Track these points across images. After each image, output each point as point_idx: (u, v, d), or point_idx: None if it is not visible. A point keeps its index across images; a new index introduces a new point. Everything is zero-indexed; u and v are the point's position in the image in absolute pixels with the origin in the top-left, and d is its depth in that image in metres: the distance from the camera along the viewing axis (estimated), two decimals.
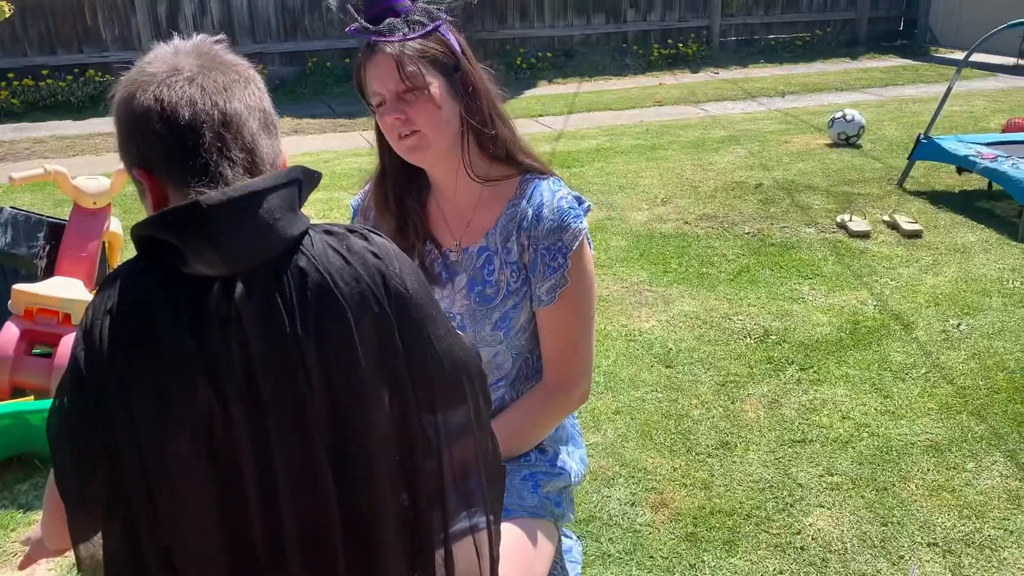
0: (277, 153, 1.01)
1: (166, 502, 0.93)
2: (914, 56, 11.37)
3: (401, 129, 1.44)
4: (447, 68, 1.44)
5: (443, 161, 1.50)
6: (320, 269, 0.93)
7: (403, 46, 1.39)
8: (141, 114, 0.95)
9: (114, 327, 0.93)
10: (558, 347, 1.55)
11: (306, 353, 0.91)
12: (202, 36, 1.03)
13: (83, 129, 7.88)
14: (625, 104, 8.63)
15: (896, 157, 6.13)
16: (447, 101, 1.44)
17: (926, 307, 3.77)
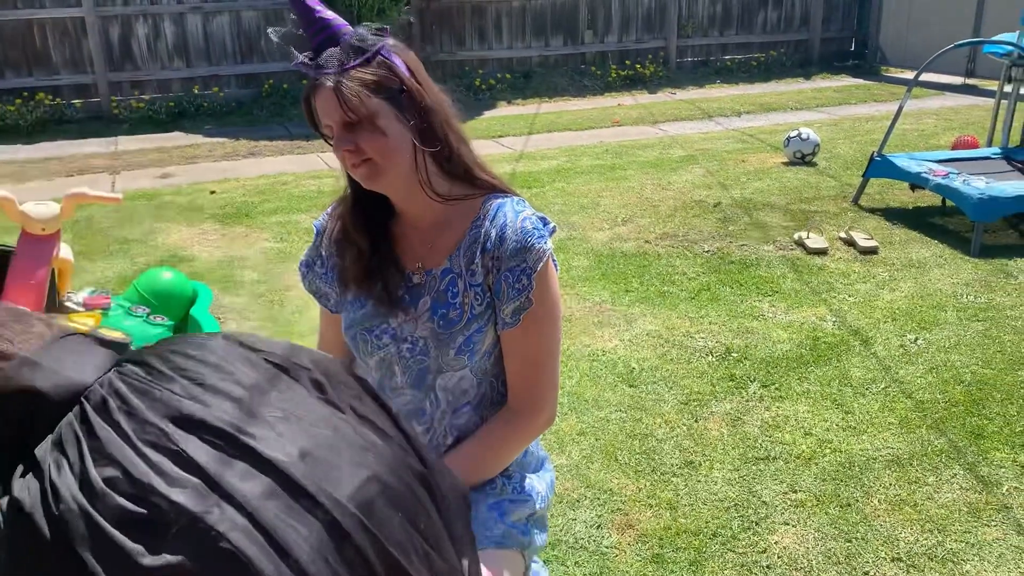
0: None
1: None
2: (866, 76, 11.62)
3: (352, 159, 1.42)
4: (392, 92, 1.42)
5: (401, 185, 1.47)
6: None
7: (342, 76, 1.37)
8: None
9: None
10: (523, 371, 1.52)
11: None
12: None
13: (33, 154, 7.72)
14: (584, 125, 8.69)
15: (851, 175, 6.24)
16: (394, 126, 1.41)
17: (884, 322, 3.82)
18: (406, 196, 1.50)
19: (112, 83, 9.16)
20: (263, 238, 5.20)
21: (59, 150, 7.86)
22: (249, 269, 4.68)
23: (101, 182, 6.57)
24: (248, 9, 9.63)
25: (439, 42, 10.35)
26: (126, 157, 7.59)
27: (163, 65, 9.42)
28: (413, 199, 1.50)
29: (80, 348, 0.73)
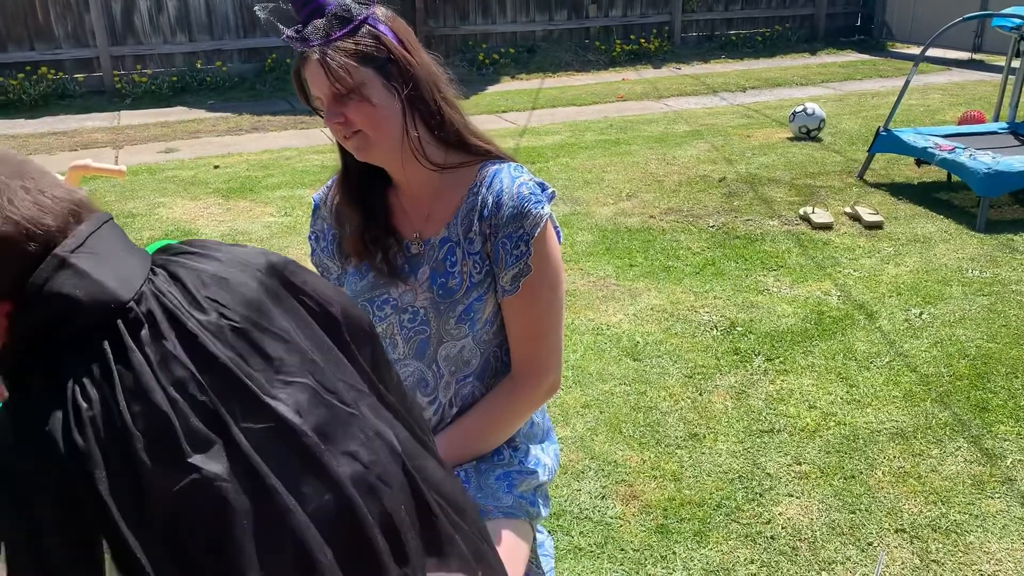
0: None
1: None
2: (871, 51, 11.54)
3: (342, 131, 1.41)
4: (380, 61, 1.40)
5: (393, 155, 1.46)
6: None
7: (328, 48, 1.36)
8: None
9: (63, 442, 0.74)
10: (525, 338, 1.52)
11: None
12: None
13: (36, 128, 7.70)
14: (588, 100, 8.64)
15: (856, 150, 6.20)
16: (383, 95, 1.40)
17: (888, 297, 3.82)
18: (400, 166, 1.49)
19: (114, 57, 9.11)
20: (267, 212, 5.20)
21: (62, 124, 7.84)
22: (253, 242, 4.68)
23: (104, 156, 6.55)
24: None
25: (442, 17, 10.26)
26: (129, 132, 7.57)
27: (165, 39, 9.36)
28: (408, 169, 1.49)
29: (119, 254, 0.75)
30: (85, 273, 0.77)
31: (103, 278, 0.77)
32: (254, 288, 0.86)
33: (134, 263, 0.82)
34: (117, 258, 0.81)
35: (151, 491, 0.68)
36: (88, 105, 8.54)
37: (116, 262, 0.80)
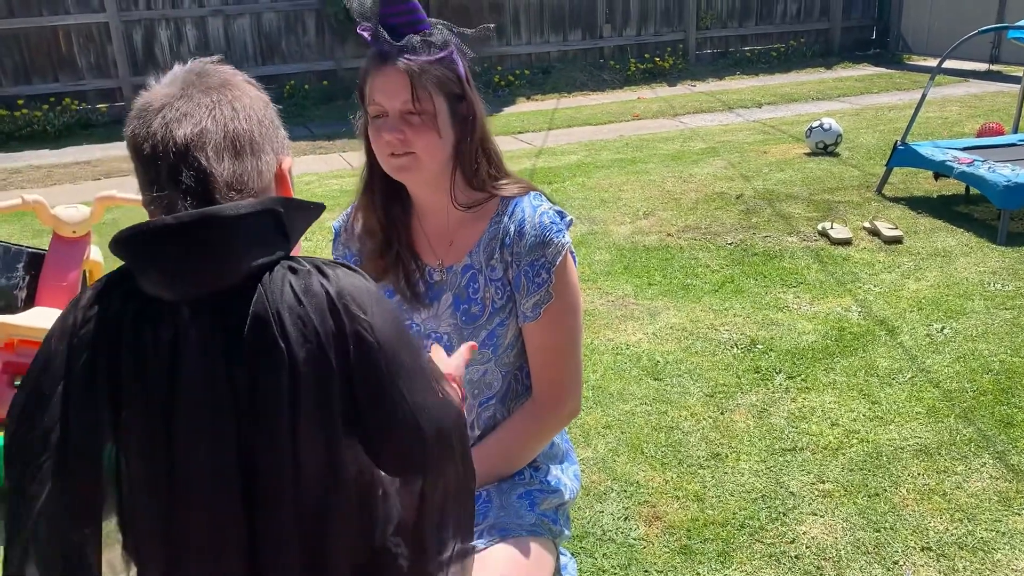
0: (249, 175, 0.96)
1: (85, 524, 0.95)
2: (888, 64, 11.52)
3: (396, 149, 1.42)
4: (452, 95, 1.44)
5: (429, 183, 1.49)
6: (268, 308, 0.89)
7: (419, 67, 1.38)
8: (127, 147, 0.98)
9: (66, 330, 0.95)
10: (545, 364, 1.54)
11: (239, 391, 0.89)
12: (200, 60, 1.02)
13: (60, 159, 7.83)
14: (604, 119, 8.68)
15: (874, 164, 6.19)
16: (446, 128, 1.44)
17: (910, 312, 3.80)
18: (430, 194, 1.52)
19: (136, 87, 9.23)
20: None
21: (85, 154, 7.96)
22: None
23: (127, 185, 6.64)
24: (268, 11, 9.70)
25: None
26: None
27: None
28: (435, 198, 1.52)
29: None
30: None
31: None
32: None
33: None
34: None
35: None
36: (111, 135, 8.68)
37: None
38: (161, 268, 0.91)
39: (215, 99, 0.96)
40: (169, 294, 0.91)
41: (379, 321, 0.93)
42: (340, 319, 0.91)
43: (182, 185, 0.93)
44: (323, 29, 9.97)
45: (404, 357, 0.95)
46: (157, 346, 0.90)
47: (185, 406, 0.90)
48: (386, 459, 0.94)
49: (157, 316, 0.91)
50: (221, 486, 0.90)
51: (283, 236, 0.95)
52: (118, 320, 0.92)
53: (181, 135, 0.92)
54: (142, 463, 0.92)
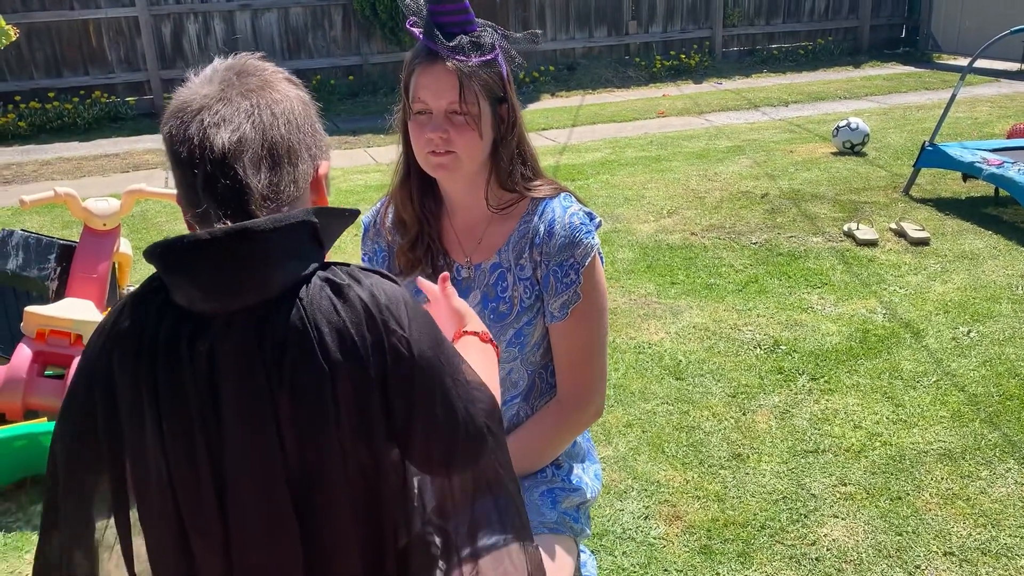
0: (285, 184, 0.96)
1: (142, 517, 0.97)
2: (917, 63, 11.39)
3: (438, 147, 1.43)
4: (495, 98, 1.45)
5: (464, 182, 1.51)
6: (307, 321, 0.90)
7: (468, 68, 1.39)
8: (164, 146, 0.98)
9: (110, 334, 0.96)
10: (571, 364, 1.55)
11: (279, 403, 0.90)
12: (240, 56, 1.01)
13: (90, 151, 7.93)
14: (629, 116, 8.66)
15: (902, 165, 6.13)
16: (487, 130, 1.45)
17: (935, 315, 3.77)
18: (463, 192, 1.53)
19: (164, 80, 9.35)
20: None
21: (114, 147, 8.06)
22: None
23: (155, 177, 6.72)
24: (295, 6, 9.76)
25: None
26: None
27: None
28: (468, 196, 1.53)
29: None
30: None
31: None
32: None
33: None
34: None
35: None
36: (139, 127, 8.77)
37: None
38: (196, 282, 0.92)
39: (254, 103, 0.95)
40: (204, 307, 0.92)
41: (416, 333, 0.94)
42: (378, 331, 0.92)
43: (217, 195, 0.93)
44: (349, 24, 10.01)
45: (438, 365, 0.96)
46: (194, 359, 0.91)
47: (228, 420, 0.91)
48: (418, 458, 0.97)
49: (193, 329, 0.92)
50: (271, 497, 0.92)
51: (318, 245, 0.95)
52: (155, 332, 0.93)
53: (219, 144, 0.92)
54: (189, 471, 0.94)
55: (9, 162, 7.56)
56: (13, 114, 8.58)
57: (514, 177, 1.51)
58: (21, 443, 2.65)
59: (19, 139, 8.41)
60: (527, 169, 1.54)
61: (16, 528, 2.58)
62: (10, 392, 2.83)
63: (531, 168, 1.55)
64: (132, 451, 0.95)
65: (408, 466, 0.98)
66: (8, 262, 3.15)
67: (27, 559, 2.45)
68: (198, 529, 0.95)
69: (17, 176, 7.08)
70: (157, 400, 0.93)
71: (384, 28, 9.83)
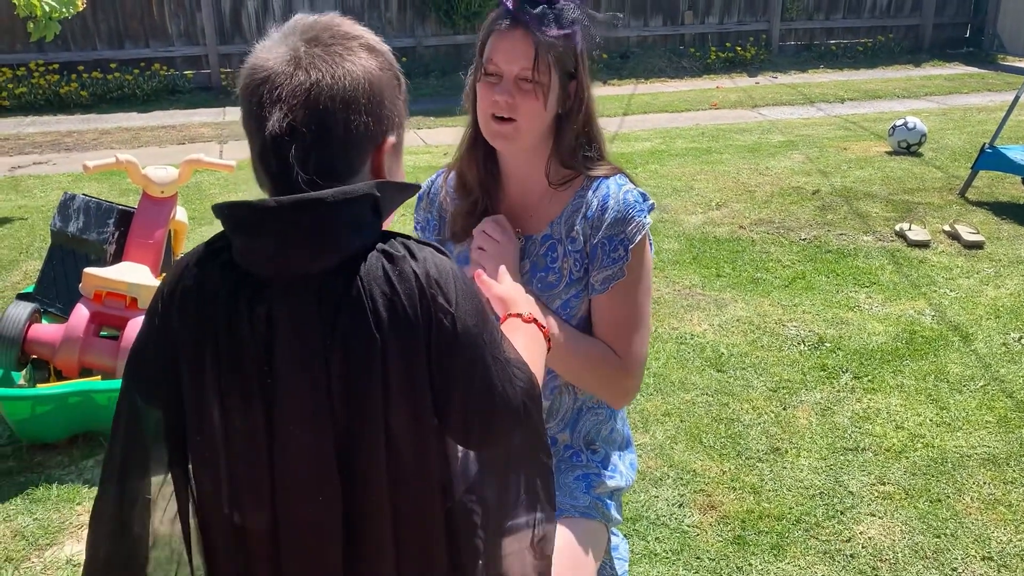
0: (340, 162, 0.97)
1: (196, 471, 1.02)
2: (980, 64, 11.11)
3: (502, 112, 1.44)
4: (566, 73, 1.46)
5: (524, 154, 1.52)
6: (364, 291, 0.93)
7: (546, 39, 1.41)
8: (242, 110, 1.00)
9: (173, 292, 1.00)
10: (608, 338, 1.55)
11: (332, 369, 0.94)
12: (320, 17, 1.01)
13: (147, 122, 8.09)
14: (681, 107, 8.59)
15: (959, 167, 6.01)
16: (553, 104, 1.46)
17: (986, 319, 3.70)
18: (520, 164, 1.55)
19: (222, 55, 9.49)
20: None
21: (171, 119, 8.21)
22: None
23: (210, 150, 6.85)
24: None
25: None
26: (234, 127, 7.87)
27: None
28: (525, 168, 1.55)
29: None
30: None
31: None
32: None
33: None
34: None
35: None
36: (196, 101, 8.92)
37: None
38: (258, 247, 0.95)
39: (315, 79, 0.94)
40: (265, 272, 0.95)
41: (462, 310, 0.97)
42: (427, 304, 0.95)
43: (271, 170, 0.96)
44: (405, 6, 10.05)
45: (481, 342, 0.98)
46: (253, 321, 0.95)
47: (281, 383, 0.95)
48: (455, 430, 1.01)
49: (253, 292, 0.95)
50: (318, 453, 0.96)
51: (377, 216, 0.98)
52: (215, 291, 0.97)
53: (271, 127, 0.93)
54: (244, 424, 0.98)
55: (71, 130, 7.75)
56: (76, 83, 8.78)
57: (576, 156, 1.52)
58: (76, 399, 2.75)
59: (81, 108, 8.60)
60: (592, 150, 1.55)
61: (68, 481, 2.67)
62: (67, 350, 2.92)
63: (596, 150, 1.56)
64: (191, 405, 0.99)
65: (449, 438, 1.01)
66: (69, 224, 3.25)
67: (78, 510, 2.54)
68: (248, 482, 0.99)
69: (78, 144, 7.26)
70: (218, 356, 0.96)
71: (439, 11, 9.85)
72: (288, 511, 0.98)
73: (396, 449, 0.96)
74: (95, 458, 2.77)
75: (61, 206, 3.29)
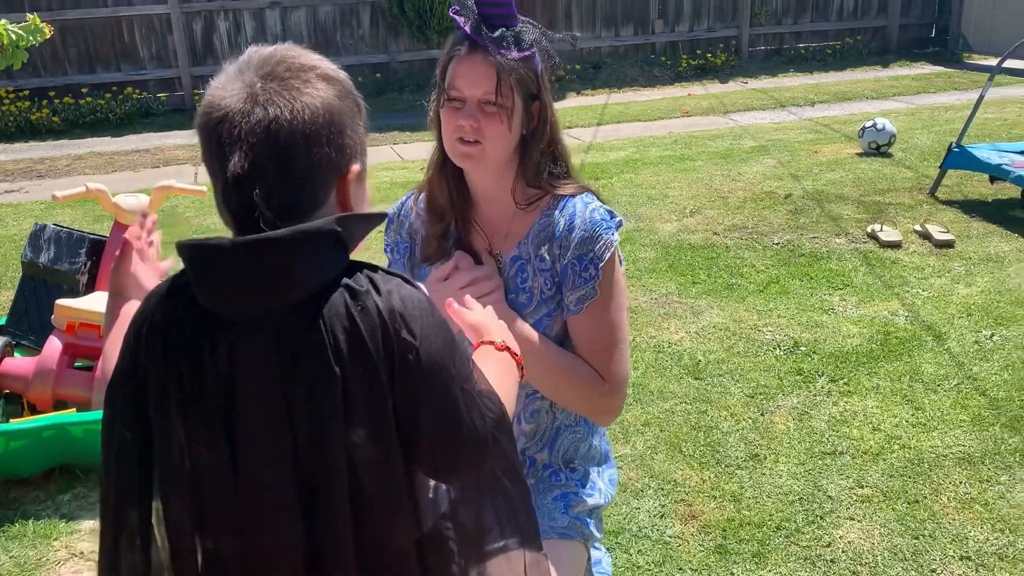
0: (304, 197, 0.97)
1: (165, 504, 1.01)
2: (947, 63, 11.26)
3: (466, 135, 1.45)
4: (529, 95, 1.48)
5: (490, 174, 1.53)
6: (326, 328, 0.93)
7: (507, 62, 1.42)
8: (201, 147, 0.99)
9: (141, 328, 1.00)
10: (589, 358, 1.55)
11: (294, 406, 0.94)
12: (275, 49, 1.00)
13: (122, 146, 8.05)
14: (654, 115, 8.64)
15: (928, 166, 6.08)
16: (517, 125, 1.47)
17: (958, 318, 3.75)
18: (487, 185, 1.56)
19: (195, 77, 9.47)
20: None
21: (145, 142, 8.17)
22: None
23: (184, 173, 6.82)
24: (324, 4, 9.84)
25: None
26: None
27: None
28: (492, 189, 1.56)
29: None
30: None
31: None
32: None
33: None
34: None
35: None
36: (170, 123, 8.89)
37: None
38: (216, 289, 0.95)
39: (274, 114, 0.94)
40: (225, 312, 0.95)
41: (428, 342, 0.96)
42: (390, 339, 0.94)
43: (232, 211, 0.96)
44: (378, 22, 10.08)
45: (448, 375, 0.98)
46: (214, 357, 0.95)
47: (243, 420, 0.95)
48: (423, 464, 1.01)
49: (216, 329, 0.95)
50: (280, 495, 0.96)
51: (343, 249, 0.97)
52: (180, 327, 0.97)
53: (232, 167, 0.93)
54: (210, 461, 0.98)
55: (43, 156, 7.69)
56: (47, 109, 8.73)
57: (542, 175, 1.53)
58: (50, 433, 2.72)
59: (53, 134, 8.55)
60: (558, 168, 1.56)
61: (45, 516, 2.64)
62: (41, 383, 2.90)
63: (562, 168, 1.57)
64: (158, 440, 0.99)
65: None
66: (40, 255, 3.23)
67: (55, 546, 2.52)
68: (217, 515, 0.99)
69: (51, 170, 7.21)
70: (182, 391, 0.97)
71: (411, 26, 9.88)
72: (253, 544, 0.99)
73: (360, 483, 0.97)
74: (72, 492, 2.75)
75: (32, 236, 3.27)
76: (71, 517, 2.64)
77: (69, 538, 2.55)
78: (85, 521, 2.61)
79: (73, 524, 2.61)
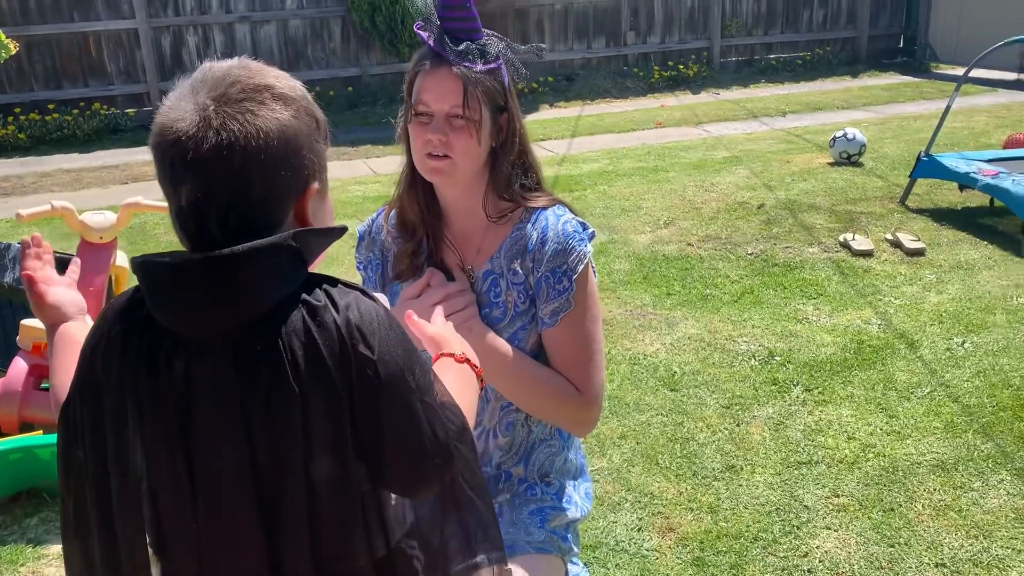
0: (259, 217, 0.95)
1: (120, 524, 0.99)
2: (915, 73, 11.42)
3: (435, 150, 1.44)
4: (496, 107, 1.47)
5: (461, 188, 1.52)
6: (283, 345, 0.91)
7: (473, 75, 1.41)
8: (156, 168, 0.98)
9: (97, 345, 0.99)
10: (565, 370, 1.54)
11: (252, 423, 0.92)
12: (229, 67, 0.99)
13: (89, 162, 7.96)
14: (627, 127, 8.68)
15: (898, 175, 6.15)
16: (486, 137, 1.46)
17: (930, 325, 3.78)
18: (458, 198, 1.55)
19: (164, 92, 9.31)
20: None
21: (113, 158, 8.08)
22: None
23: (153, 189, 6.73)
24: (294, 18, 9.80)
25: None
26: None
27: None
28: (463, 202, 1.54)
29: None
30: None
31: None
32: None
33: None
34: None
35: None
36: (138, 139, 8.80)
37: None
38: (170, 307, 0.93)
39: (228, 140, 0.91)
40: (181, 330, 0.94)
41: (387, 356, 0.95)
42: (348, 354, 0.93)
43: (188, 233, 0.95)
44: (348, 36, 10.05)
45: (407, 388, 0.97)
46: (171, 375, 0.93)
47: (200, 438, 0.94)
48: (385, 478, 0.99)
49: (172, 346, 0.94)
50: (239, 514, 0.95)
51: (301, 264, 0.96)
52: (136, 344, 0.96)
53: (184, 194, 0.92)
54: (169, 478, 0.96)
55: (9, 174, 7.58)
56: (13, 126, 8.61)
57: (512, 187, 1.52)
58: (16, 456, 2.66)
59: (19, 151, 8.43)
60: (528, 180, 1.55)
61: (11, 541, 2.58)
62: (6, 405, 2.84)
63: (533, 179, 1.56)
64: (115, 458, 0.97)
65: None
66: (5, 275, 3.16)
67: (22, 572, 2.46)
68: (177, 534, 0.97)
69: (17, 188, 7.11)
70: (140, 409, 0.95)
71: (383, 39, 9.86)
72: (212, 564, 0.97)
73: (319, 500, 0.95)
74: (39, 516, 2.69)
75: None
76: (38, 541, 2.58)
77: (36, 563, 2.49)
78: (53, 545, 2.55)
79: (40, 549, 2.55)
